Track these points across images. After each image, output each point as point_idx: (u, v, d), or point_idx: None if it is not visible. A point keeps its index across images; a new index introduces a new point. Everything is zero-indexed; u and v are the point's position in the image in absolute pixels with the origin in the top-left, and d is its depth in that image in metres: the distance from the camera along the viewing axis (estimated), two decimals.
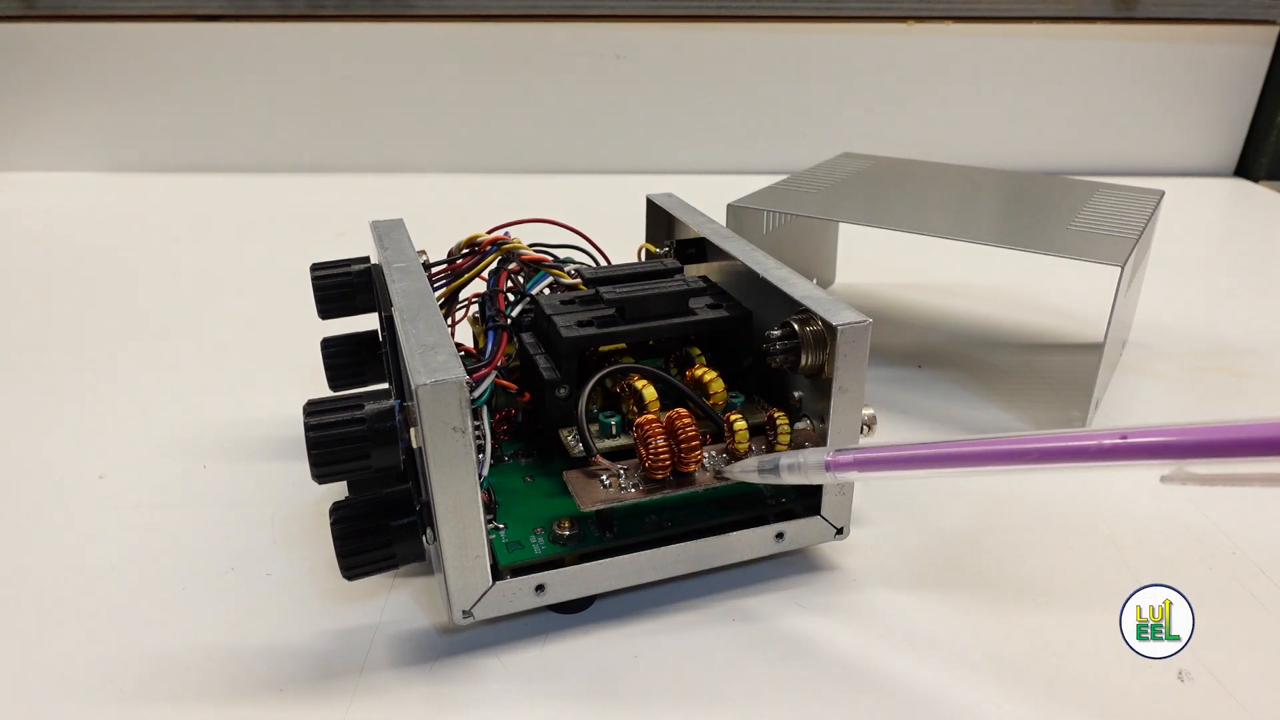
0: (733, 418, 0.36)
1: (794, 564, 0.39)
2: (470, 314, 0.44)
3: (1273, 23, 1.08)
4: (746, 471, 0.35)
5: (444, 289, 0.42)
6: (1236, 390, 0.56)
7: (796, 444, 0.37)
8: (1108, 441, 0.27)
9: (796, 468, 0.33)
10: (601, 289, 0.40)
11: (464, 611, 0.32)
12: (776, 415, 0.36)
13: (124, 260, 0.80)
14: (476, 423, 0.31)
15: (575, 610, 0.36)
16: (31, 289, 0.74)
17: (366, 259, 0.45)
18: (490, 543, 0.33)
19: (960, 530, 0.42)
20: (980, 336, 0.65)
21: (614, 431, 0.37)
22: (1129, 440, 0.26)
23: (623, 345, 0.41)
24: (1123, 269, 0.45)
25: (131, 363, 0.60)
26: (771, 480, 0.34)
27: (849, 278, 0.75)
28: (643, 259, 0.49)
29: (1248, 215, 1.02)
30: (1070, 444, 0.27)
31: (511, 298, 0.42)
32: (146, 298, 0.71)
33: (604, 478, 0.35)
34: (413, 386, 0.29)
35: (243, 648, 0.35)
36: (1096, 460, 0.27)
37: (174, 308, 0.69)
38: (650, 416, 0.35)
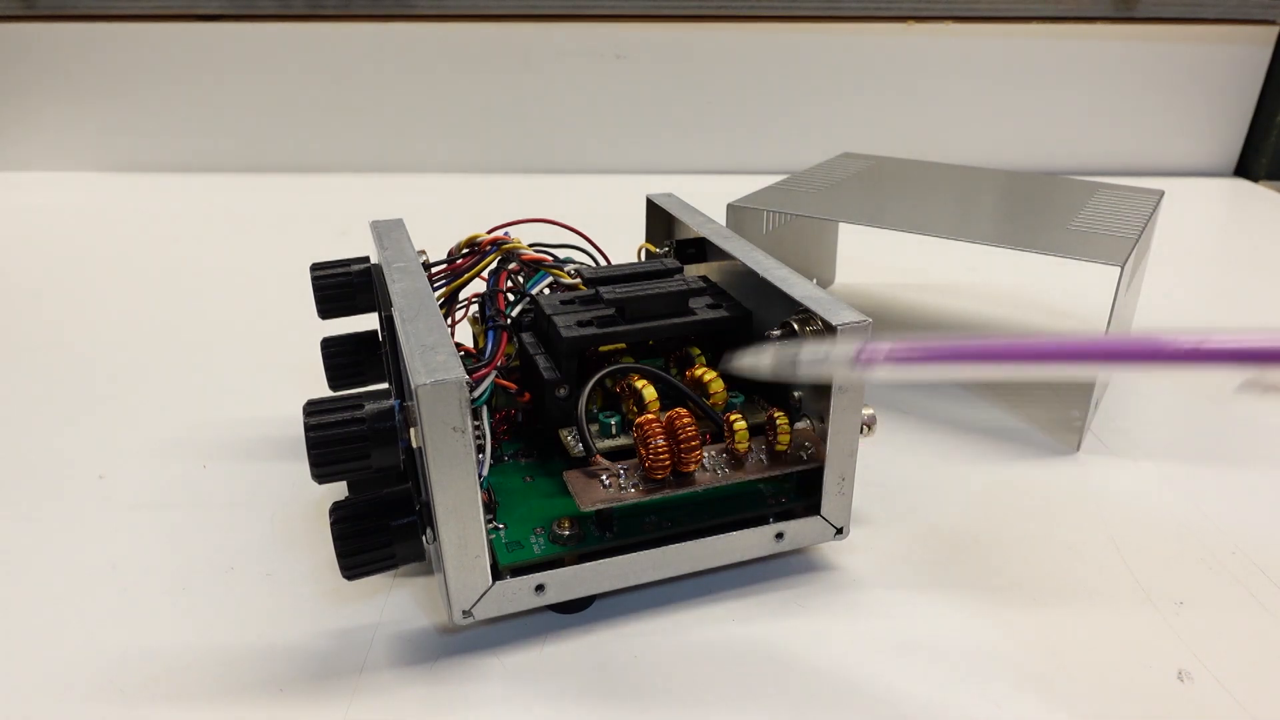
0: (733, 418, 0.36)
1: (794, 564, 0.39)
2: (470, 314, 0.44)
3: (1273, 23, 1.08)
4: (759, 365, 0.31)
5: (444, 289, 0.42)
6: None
7: (796, 444, 0.37)
8: (1185, 344, 0.24)
9: (818, 361, 0.30)
10: (601, 289, 0.40)
11: (464, 611, 0.32)
12: (776, 415, 0.36)
13: (124, 260, 0.80)
14: (476, 423, 0.31)
15: (575, 610, 0.36)
16: (31, 289, 0.74)
17: (366, 259, 0.45)
18: (490, 543, 0.33)
19: (960, 530, 0.42)
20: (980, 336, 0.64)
21: (614, 431, 0.37)
22: (1207, 345, 0.24)
23: (623, 345, 0.41)
24: (1123, 269, 0.45)
25: (131, 362, 0.60)
26: (786, 376, 0.31)
27: (849, 278, 0.75)
28: (643, 259, 0.49)
29: (1248, 215, 1.02)
30: (1144, 347, 0.25)
31: (511, 298, 0.42)
32: (146, 297, 0.71)
33: (604, 478, 0.35)
34: (413, 386, 0.29)
35: (243, 648, 0.35)
36: (1172, 363, 0.25)
37: (174, 307, 0.69)
38: (650, 416, 0.35)
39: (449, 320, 0.43)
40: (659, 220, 0.52)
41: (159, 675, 0.33)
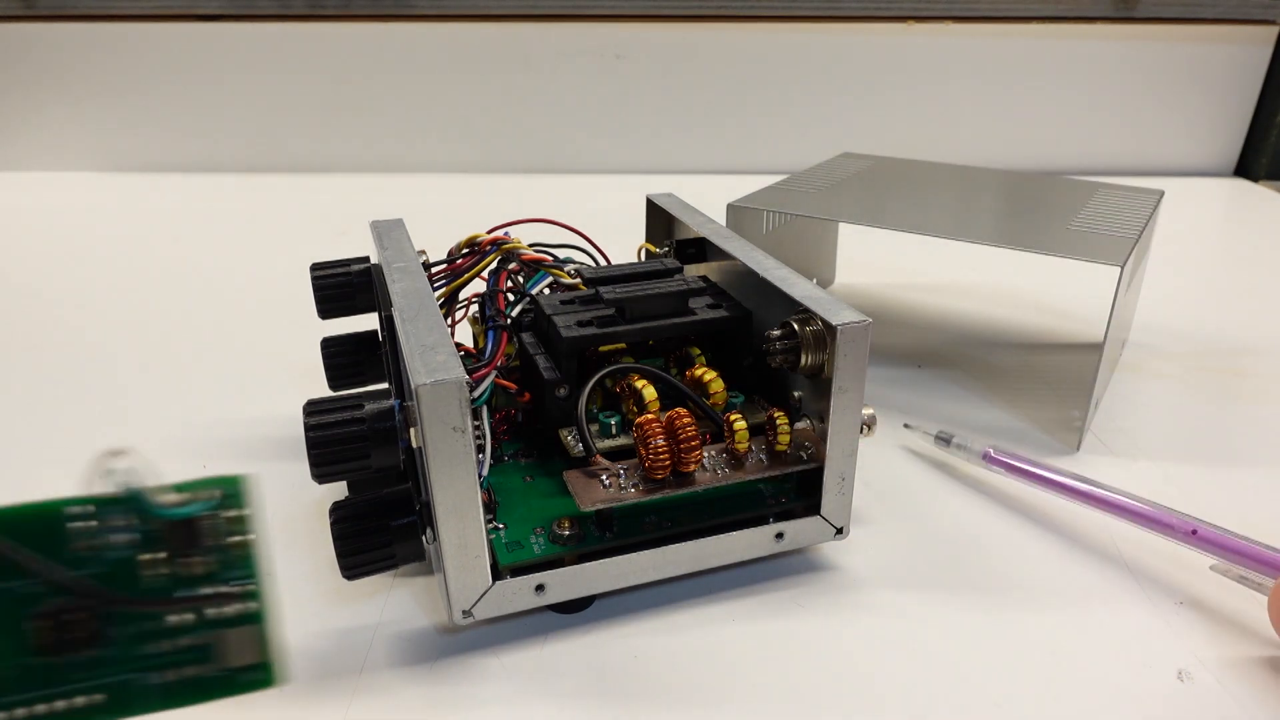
0: (733, 418, 0.36)
1: (794, 564, 0.39)
2: (470, 314, 0.44)
3: (1273, 23, 1.08)
4: (926, 432, 0.48)
5: (444, 289, 0.42)
6: (1236, 390, 0.57)
7: (796, 444, 0.37)
8: (1187, 528, 0.38)
9: (963, 449, 0.46)
10: (601, 289, 0.40)
11: (464, 611, 0.32)
12: (776, 415, 0.36)
13: (124, 260, 0.80)
14: (476, 423, 0.31)
15: (575, 610, 0.36)
16: (31, 289, 0.74)
17: (366, 259, 0.45)
18: (490, 543, 0.33)
19: (960, 530, 0.42)
20: (980, 336, 0.65)
21: (614, 431, 0.37)
22: (1199, 533, 0.37)
23: (623, 345, 0.41)
24: (1122, 269, 0.45)
25: (131, 363, 0.60)
26: (941, 449, 0.47)
27: (849, 278, 0.75)
28: (643, 259, 0.49)
29: (1248, 215, 1.02)
30: (1159, 518, 0.39)
31: (511, 298, 0.42)
32: (146, 297, 0.71)
33: (604, 478, 0.35)
34: (413, 386, 0.29)
35: None
36: (1175, 538, 0.38)
37: (174, 307, 0.69)
38: (650, 416, 0.35)
39: (449, 320, 0.43)
40: (659, 220, 0.52)
41: None
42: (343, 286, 0.44)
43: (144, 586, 0.17)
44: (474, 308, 0.44)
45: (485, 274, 0.43)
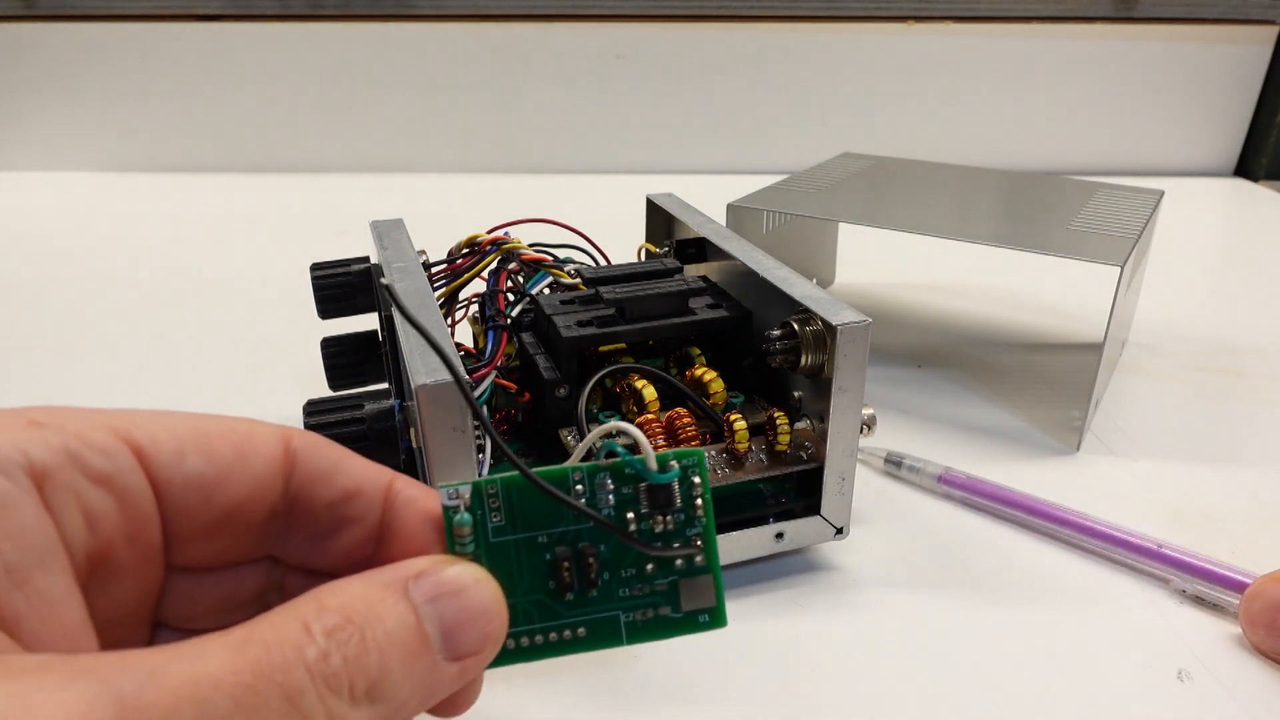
0: (733, 418, 0.36)
1: (794, 564, 0.39)
2: (470, 314, 0.44)
3: (1273, 23, 1.08)
4: (875, 454, 0.46)
5: (444, 289, 0.42)
6: (1236, 390, 0.57)
7: (796, 444, 0.37)
8: (1149, 546, 0.38)
9: (916, 470, 0.44)
10: (601, 289, 0.40)
11: None
12: (776, 415, 0.36)
13: (123, 260, 0.80)
14: (477, 423, 0.31)
15: None
16: (30, 289, 0.74)
17: (366, 259, 0.45)
18: None
19: (960, 530, 0.42)
20: (980, 336, 0.65)
21: None
22: (1162, 551, 0.38)
23: (623, 345, 0.41)
24: (1122, 269, 0.45)
25: (131, 363, 0.60)
26: (892, 471, 0.45)
27: (849, 278, 0.75)
28: (643, 259, 0.49)
29: (1248, 215, 1.02)
30: (1122, 538, 0.39)
31: (511, 298, 0.43)
32: (145, 298, 0.71)
33: None
34: (413, 386, 0.29)
35: None
36: (1140, 557, 0.39)
37: (173, 308, 0.69)
38: (650, 416, 0.35)
39: (449, 320, 0.43)
40: (659, 220, 0.52)
41: None
42: (343, 286, 0.44)
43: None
44: (474, 308, 0.44)
45: (485, 274, 0.43)
